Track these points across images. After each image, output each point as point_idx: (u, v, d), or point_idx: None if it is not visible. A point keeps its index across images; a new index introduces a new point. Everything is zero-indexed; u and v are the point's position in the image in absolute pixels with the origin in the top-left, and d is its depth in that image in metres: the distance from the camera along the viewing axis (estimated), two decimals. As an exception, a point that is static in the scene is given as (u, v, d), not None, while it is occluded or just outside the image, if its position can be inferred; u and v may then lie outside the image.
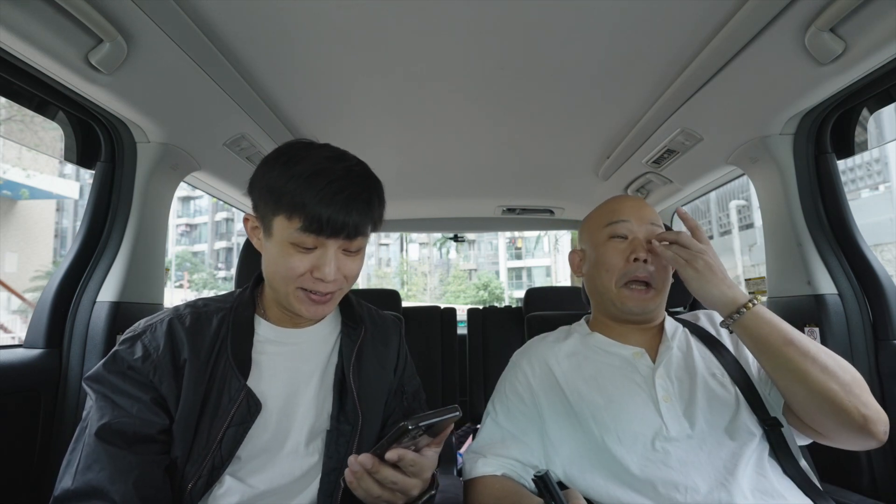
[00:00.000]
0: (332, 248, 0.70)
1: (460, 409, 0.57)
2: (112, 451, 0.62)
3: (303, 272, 0.70)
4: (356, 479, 0.57)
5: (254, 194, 0.75)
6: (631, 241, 0.90)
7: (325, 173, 0.68)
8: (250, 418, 0.70)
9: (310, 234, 0.68)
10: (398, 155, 1.71)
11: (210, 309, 0.77)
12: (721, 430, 0.78)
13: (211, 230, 29.29)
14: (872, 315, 1.20)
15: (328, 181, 0.68)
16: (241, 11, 0.93)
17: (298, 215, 0.66)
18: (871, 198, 7.87)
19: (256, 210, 0.75)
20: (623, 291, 0.89)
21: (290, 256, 0.69)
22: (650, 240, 0.89)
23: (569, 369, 0.90)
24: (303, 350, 0.81)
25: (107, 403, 0.66)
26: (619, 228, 0.91)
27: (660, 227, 0.92)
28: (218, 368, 0.71)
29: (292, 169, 0.69)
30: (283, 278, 0.71)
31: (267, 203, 0.70)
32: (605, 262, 0.91)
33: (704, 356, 0.89)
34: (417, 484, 0.60)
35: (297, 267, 0.69)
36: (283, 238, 0.69)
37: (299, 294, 0.73)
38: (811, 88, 1.10)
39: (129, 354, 0.69)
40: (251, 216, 0.77)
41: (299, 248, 0.69)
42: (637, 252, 0.87)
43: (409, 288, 27.78)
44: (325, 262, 0.69)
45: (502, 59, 1.11)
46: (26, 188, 9.58)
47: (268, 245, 0.73)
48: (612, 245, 0.91)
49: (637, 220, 0.91)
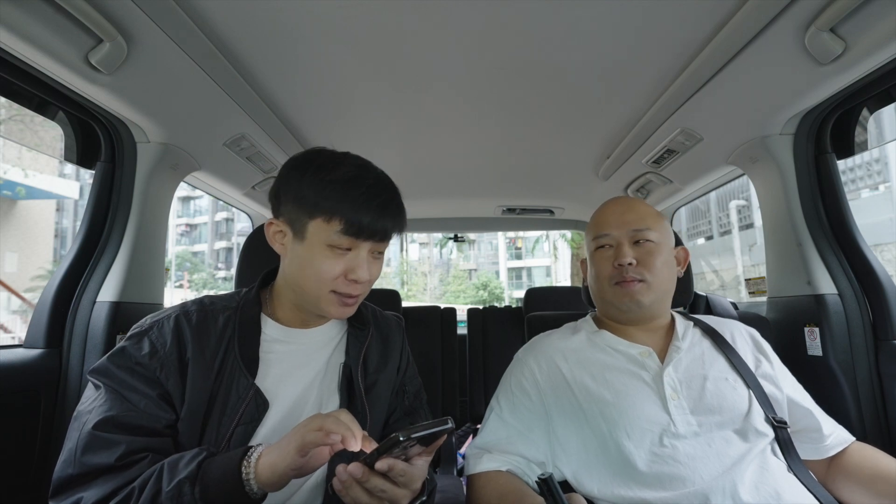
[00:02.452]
0: (365, 251, 0.74)
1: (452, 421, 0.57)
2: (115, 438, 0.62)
3: (337, 275, 0.73)
4: (344, 487, 0.57)
5: (281, 199, 0.76)
6: (616, 249, 0.94)
7: (361, 180, 0.73)
8: (258, 417, 0.71)
9: (348, 237, 0.71)
10: (398, 155, 1.71)
11: (217, 307, 0.78)
12: (730, 430, 0.79)
13: (211, 230, 29.29)
14: (872, 315, 1.20)
15: (365, 187, 0.73)
16: (241, 11, 0.93)
17: (338, 219, 0.70)
18: (871, 198, 7.87)
19: (282, 215, 0.76)
20: (616, 289, 0.92)
21: (326, 259, 0.72)
22: (637, 239, 0.93)
23: (576, 366, 0.91)
24: (310, 350, 0.82)
25: (116, 397, 0.66)
26: (603, 241, 0.97)
27: (644, 222, 0.94)
28: (225, 367, 0.72)
29: (329, 175, 0.72)
30: (317, 281, 0.73)
31: (301, 207, 0.73)
32: (597, 270, 0.97)
33: (716, 357, 0.89)
34: (406, 494, 0.60)
35: (333, 269, 0.73)
36: (321, 241, 0.72)
37: (331, 297, 0.75)
38: (811, 88, 1.10)
39: (136, 350, 0.69)
40: (275, 221, 0.78)
41: (336, 251, 0.72)
42: (619, 258, 0.92)
43: (409, 288, 27.77)
44: (359, 265, 0.73)
45: (502, 59, 1.11)
46: (24, 187, 9.57)
47: (298, 249, 0.74)
48: (599, 255, 0.97)
49: (617, 229, 0.95)
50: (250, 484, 0.57)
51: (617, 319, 0.96)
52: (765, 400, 0.83)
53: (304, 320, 0.83)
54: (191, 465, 0.59)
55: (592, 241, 0.99)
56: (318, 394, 0.79)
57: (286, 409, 0.75)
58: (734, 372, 0.87)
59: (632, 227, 0.93)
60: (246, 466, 0.58)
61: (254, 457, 0.58)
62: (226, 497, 0.57)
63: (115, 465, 0.60)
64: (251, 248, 1.13)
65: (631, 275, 0.90)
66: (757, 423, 0.79)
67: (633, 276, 0.90)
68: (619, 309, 0.93)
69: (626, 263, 0.90)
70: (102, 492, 0.59)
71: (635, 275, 0.90)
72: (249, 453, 0.59)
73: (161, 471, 0.59)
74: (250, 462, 0.58)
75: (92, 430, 0.62)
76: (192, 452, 0.61)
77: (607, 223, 0.97)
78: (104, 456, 0.61)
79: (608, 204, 1.01)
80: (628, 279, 0.90)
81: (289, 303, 0.81)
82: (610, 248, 0.95)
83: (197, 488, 0.57)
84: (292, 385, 0.77)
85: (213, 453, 0.62)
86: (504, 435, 0.89)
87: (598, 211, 1.02)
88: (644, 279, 0.90)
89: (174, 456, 0.61)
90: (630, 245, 0.92)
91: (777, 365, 0.92)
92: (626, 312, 0.93)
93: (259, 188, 1.79)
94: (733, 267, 10.38)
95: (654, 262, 0.91)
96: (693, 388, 0.83)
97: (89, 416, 0.64)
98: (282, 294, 0.82)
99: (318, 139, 1.54)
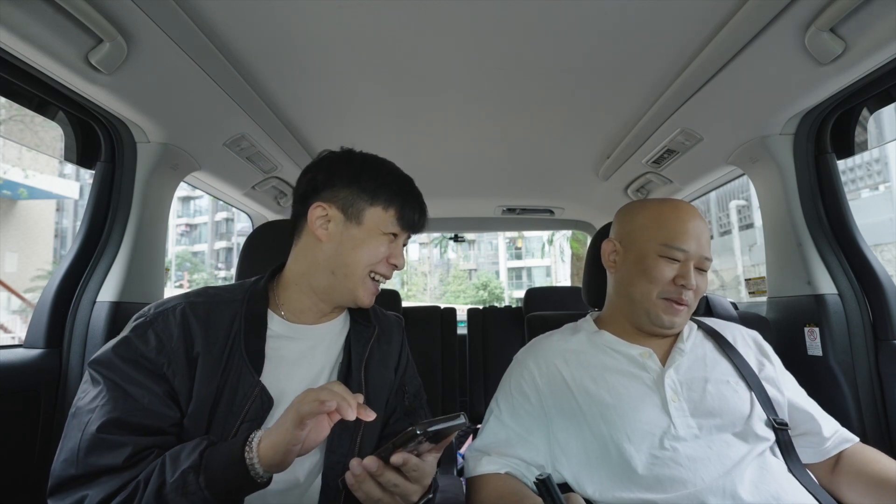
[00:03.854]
0: (403, 239, 0.85)
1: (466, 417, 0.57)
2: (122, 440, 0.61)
3: (381, 258, 0.81)
4: (357, 482, 0.57)
5: (335, 185, 0.81)
6: (682, 265, 0.88)
7: (409, 181, 0.86)
8: (263, 414, 0.70)
9: (399, 226, 0.81)
10: (398, 154, 1.69)
11: (222, 299, 0.77)
12: (730, 433, 0.79)
13: (211, 230, 29.28)
14: (872, 315, 1.20)
15: (411, 187, 0.86)
16: (241, 11, 0.93)
17: (396, 207, 0.81)
18: (871, 198, 7.87)
19: (333, 199, 0.80)
20: (661, 303, 0.88)
21: (380, 243, 0.80)
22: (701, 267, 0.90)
23: (576, 368, 0.90)
24: (315, 346, 0.82)
25: (118, 393, 0.64)
26: (676, 254, 0.89)
27: (709, 250, 0.91)
28: (232, 363, 0.71)
29: (384, 168, 0.84)
30: (367, 262, 0.80)
31: (362, 193, 0.80)
32: (652, 274, 0.89)
33: (718, 360, 0.89)
34: (417, 489, 0.60)
35: (381, 251, 0.80)
36: (377, 225, 0.80)
37: (367, 282, 0.81)
38: (811, 88, 1.10)
39: (142, 343, 0.67)
40: (323, 204, 0.79)
41: (389, 236, 0.81)
42: (686, 280, 0.87)
43: (409, 288, 27.75)
44: (399, 252, 0.84)
45: (502, 59, 1.11)
46: (25, 188, 9.56)
47: (352, 230, 0.80)
48: (663, 263, 0.89)
49: (696, 248, 0.89)
50: (255, 468, 0.57)
51: (637, 325, 0.93)
52: (767, 402, 0.83)
53: (312, 315, 0.83)
54: (193, 454, 0.59)
55: (660, 245, 0.89)
56: None
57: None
58: (736, 374, 0.86)
59: (704, 255, 0.90)
60: (248, 451, 0.58)
61: (255, 441, 0.59)
62: (232, 483, 0.57)
63: (123, 466, 0.60)
64: (251, 248, 1.12)
65: (685, 298, 0.88)
66: (758, 426, 0.79)
67: (686, 299, 0.88)
68: (654, 322, 0.89)
69: (690, 288, 0.88)
70: (108, 489, 0.58)
71: (688, 299, 0.88)
72: (250, 438, 0.59)
73: (163, 463, 0.59)
74: (252, 447, 0.58)
75: (97, 433, 0.60)
76: (192, 443, 0.61)
77: (687, 237, 0.89)
78: (110, 458, 0.60)
79: (685, 212, 0.91)
80: (682, 301, 0.88)
81: (301, 296, 0.81)
82: (676, 263, 0.89)
83: (202, 477, 0.57)
84: (297, 381, 0.77)
85: (213, 442, 0.62)
86: (503, 438, 0.89)
87: (672, 214, 0.92)
88: (690, 306, 0.90)
89: (175, 448, 0.61)
90: (695, 269, 0.90)
91: (779, 368, 0.92)
92: (659, 328, 0.90)
93: (259, 188, 1.79)
94: (733, 267, 10.38)
95: (703, 293, 0.91)
96: (694, 391, 0.83)
97: (91, 416, 0.62)
98: (290, 288, 0.82)
99: (317, 139, 1.54)
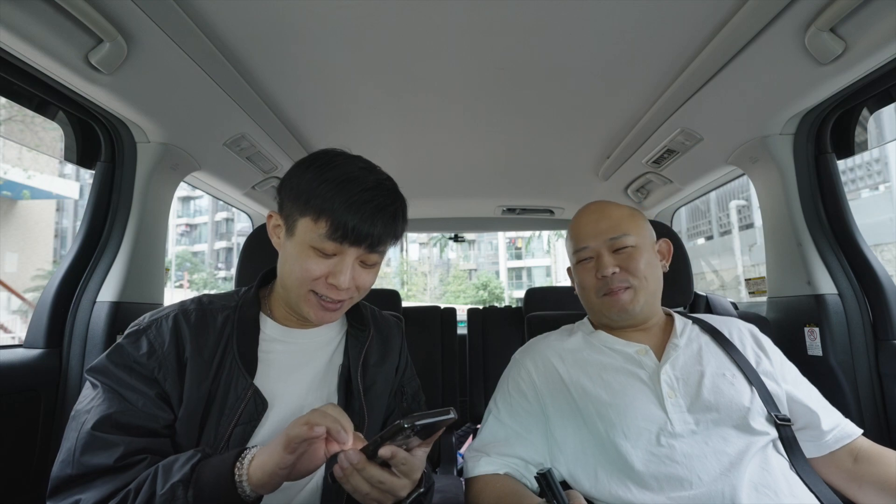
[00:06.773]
0: (351, 257, 0.72)
1: (455, 412, 0.57)
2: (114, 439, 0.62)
3: (318, 276, 0.71)
4: (345, 475, 0.57)
5: (282, 193, 0.76)
6: (596, 260, 0.94)
7: (358, 182, 0.70)
8: (257, 417, 0.70)
9: (332, 241, 0.69)
10: (398, 155, 1.71)
11: (215, 307, 0.77)
12: (729, 427, 0.78)
13: (211, 230, 29.28)
14: (872, 315, 1.20)
15: (360, 189, 0.70)
16: (241, 11, 0.93)
17: (325, 219, 0.68)
18: (871, 198, 7.86)
19: (282, 209, 0.76)
20: (605, 300, 0.93)
21: (309, 259, 0.71)
22: (615, 248, 0.93)
23: (573, 366, 0.91)
24: (309, 350, 0.82)
25: (114, 396, 0.65)
26: (583, 254, 0.96)
27: (620, 228, 0.93)
28: (224, 367, 0.72)
29: (326, 173, 0.70)
30: (298, 279, 0.72)
31: (295, 203, 0.72)
32: (582, 283, 0.98)
33: (715, 355, 0.89)
34: (406, 484, 0.60)
35: (314, 270, 0.71)
36: (305, 240, 0.70)
37: (311, 298, 0.74)
38: (811, 88, 1.10)
39: (134, 349, 0.69)
40: (275, 214, 0.78)
41: (319, 253, 0.71)
42: (601, 270, 0.92)
43: (409, 288, 27.76)
44: (341, 270, 0.71)
45: (502, 59, 1.11)
46: (27, 189, 9.57)
47: (287, 244, 0.74)
48: (582, 268, 0.97)
49: (594, 239, 0.94)
50: (243, 486, 0.57)
51: (611, 327, 0.97)
52: (767, 397, 0.82)
53: (300, 320, 0.82)
54: (185, 467, 0.58)
55: (573, 255, 0.99)
56: (318, 394, 0.79)
57: (286, 410, 0.74)
58: (733, 367, 0.86)
59: (608, 237, 0.93)
60: (239, 468, 0.57)
61: (247, 458, 0.58)
62: (219, 500, 0.56)
63: (114, 467, 0.60)
64: (251, 248, 1.13)
65: (617, 284, 0.90)
66: (757, 420, 0.79)
67: (618, 284, 0.90)
68: (611, 318, 0.94)
69: (610, 274, 0.90)
70: (100, 494, 0.59)
71: (621, 282, 0.90)
72: (243, 455, 0.59)
73: (156, 474, 0.59)
74: (243, 464, 0.58)
75: (91, 431, 0.62)
76: (186, 454, 0.61)
77: (584, 235, 0.96)
78: (103, 457, 0.60)
79: (581, 214, 1.00)
80: (615, 289, 0.91)
81: (282, 301, 0.81)
82: (591, 261, 0.95)
83: (190, 492, 0.56)
84: (292, 385, 0.77)
85: (207, 455, 0.62)
86: (502, 436, 0.89)
87: (573, 223, 1.01)
88: (630, 285, 0.91)
89: (169, 458, 0.61)
90: (610, 254, 0.92)
91: (777, 361, 0.91)
92: (619, 321, 0.93)
93: (259, 188, 1.79)
94: (733, 267, 10.37)
95: (638, 266, 0.91)
96: (690, 385, 0.83)
97: (87, 416, 0.64)
98: (277, 292, 0.82)
99: (318, 139, 1.54)
